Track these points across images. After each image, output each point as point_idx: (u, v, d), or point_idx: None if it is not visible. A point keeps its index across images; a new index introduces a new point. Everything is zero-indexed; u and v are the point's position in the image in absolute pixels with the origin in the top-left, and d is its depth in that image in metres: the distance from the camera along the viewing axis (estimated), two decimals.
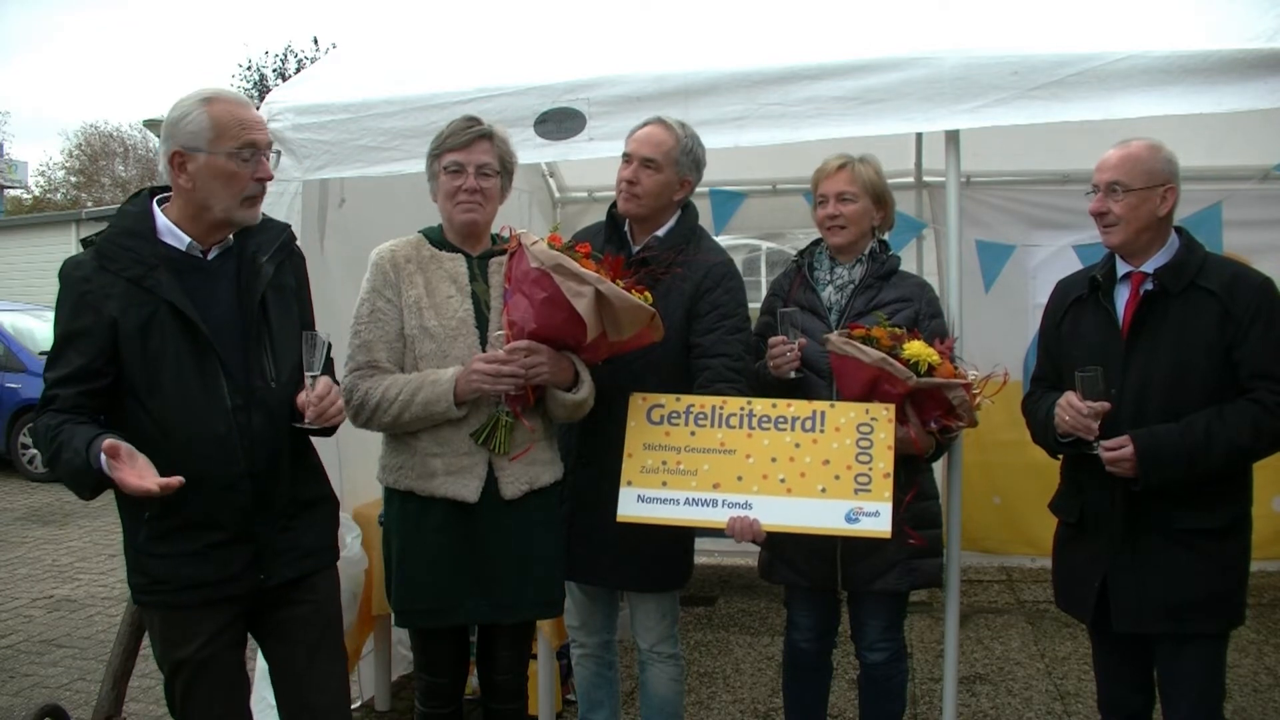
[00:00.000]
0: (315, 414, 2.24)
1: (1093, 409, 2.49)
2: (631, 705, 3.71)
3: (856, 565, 2.87)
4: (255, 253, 2.35)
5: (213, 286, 2.29)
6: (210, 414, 2.23)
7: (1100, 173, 2.61)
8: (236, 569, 2.28)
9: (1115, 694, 2.81)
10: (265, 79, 25.80)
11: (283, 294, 2.39)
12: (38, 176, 36.04)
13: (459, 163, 2.62)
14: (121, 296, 2.20)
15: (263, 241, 2.38)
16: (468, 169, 2.61)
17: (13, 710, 4.13)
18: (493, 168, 2.65)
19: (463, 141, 2.63)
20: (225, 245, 2.34)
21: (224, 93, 2.30)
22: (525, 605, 2.69)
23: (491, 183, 2.65)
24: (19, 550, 7.03)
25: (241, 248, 2.35)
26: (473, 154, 2.62)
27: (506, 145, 2.71)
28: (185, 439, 2.20)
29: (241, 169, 2.25)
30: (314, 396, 2.24)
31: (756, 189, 5.28)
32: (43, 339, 10.83)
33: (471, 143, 2.63)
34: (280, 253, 2.40)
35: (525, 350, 2.53)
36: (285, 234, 2.46)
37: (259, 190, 2.30)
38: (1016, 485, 5.13)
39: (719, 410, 2.75)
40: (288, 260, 2.43)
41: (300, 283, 2.48)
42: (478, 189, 2.62)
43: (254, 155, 2.27)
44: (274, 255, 2.37)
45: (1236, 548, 2.57)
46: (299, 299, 2.45)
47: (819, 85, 3.03)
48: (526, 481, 2.64)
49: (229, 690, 2.36)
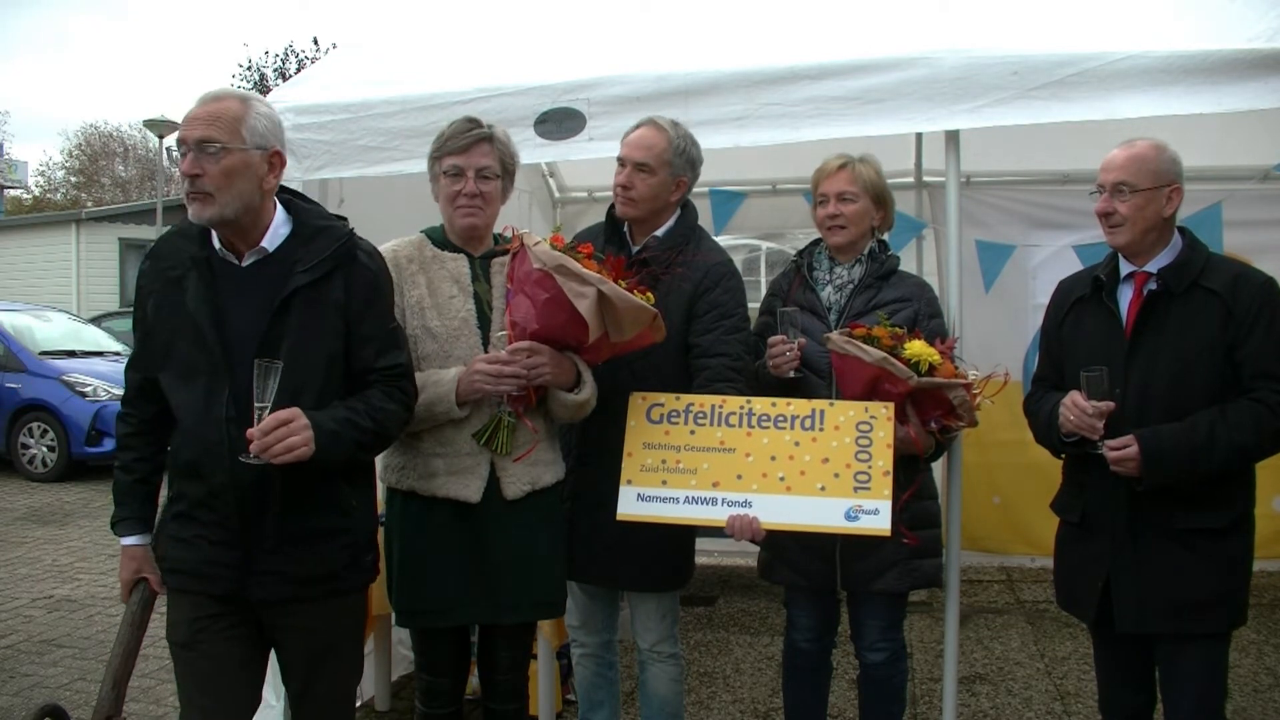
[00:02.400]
0: (259, 449, 2.10)
1: (1098, 409, 2.49)
2: (631, 705, 3.70)
3: (856, 565, 2.87)
4: (296, 263, 2.26)
5: (241, 294, 2.25)
6: (207, 420, 2.22)
7: (1106, 173, 2.60)
8: (215, 569, 2.26)
9: (1116, 694, 2.81)
10: (265, 79, 25.84)
11: (318, 307, 2.25)
12: (38, 176, 36.13)
13: (458, 166, 2.61)
14: (159, 292, 2.29)
15: (311, 251, 2.27)
16: (467, 173, 2.60)
17: (13, 710, 4.13)
18: (493, 170, 2.62)
19: (462, 145, 2.60)
20: (261, 254, 2.27)
21: (205, 91, 2.25)
22: (527, 605, 2.69)
23: (491, 186, 2.63)
24: (19, 550, 7.02)
25: (286, 257, 2.27)
26: (472, 157, 2.61)
27: (508, 146, 2.68)
28: (191, 438, 2.27)
29: (181, 166, 2.21)
30: (257, 430, 2.10)
31: (756, 189, 5.28)
32: (43, 339, 10.84)
33: (471, 146, 2.60)
34: (327, 262, 2.27)
35: (527, 351, 2.53)
36: (340, 244, 2.30)
37: (190, 188, 2.18)
38: (1016, 485, 5.13)
39: (718, 409, 2.75)
40: (339, 270, 2.29)
41: (354, 295, 2.30)
42: (477, 193, 2.61)
43: (185, 151, 2.19)
44: (316, 266, 2.25)
45: (1238, 547, 2.57)
46: (349, 313, 2.28)
47: (819, 85, 3.03)
48: (529, 482, 2.64)
49: (208, 679, 2.30)
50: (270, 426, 2.11)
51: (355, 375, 2.33)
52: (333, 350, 2.28)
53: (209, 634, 2.30)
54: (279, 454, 2.11)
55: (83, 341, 11.13)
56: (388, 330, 2.39)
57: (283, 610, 2.32)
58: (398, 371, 2.38)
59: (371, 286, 2.36)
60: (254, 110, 2.23)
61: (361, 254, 2.36)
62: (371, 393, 2.33)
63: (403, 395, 2.39)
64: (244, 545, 2.25)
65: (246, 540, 2.25)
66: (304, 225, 2.33)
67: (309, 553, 2.29)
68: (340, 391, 2.30)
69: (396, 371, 2.37)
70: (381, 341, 2.36)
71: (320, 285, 2.27)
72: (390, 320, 2.42)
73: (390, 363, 2.36)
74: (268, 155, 2.25)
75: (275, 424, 2.11)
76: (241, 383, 2.18)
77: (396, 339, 2.42)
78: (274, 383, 2.12)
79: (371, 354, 2.33)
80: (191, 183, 2.18)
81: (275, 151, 2.26)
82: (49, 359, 10.36)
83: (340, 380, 2.31)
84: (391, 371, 2.36)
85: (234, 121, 2.19)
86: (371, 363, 2.34)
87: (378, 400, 2.32)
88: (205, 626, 2.29)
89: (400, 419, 2.40)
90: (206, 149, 2.16)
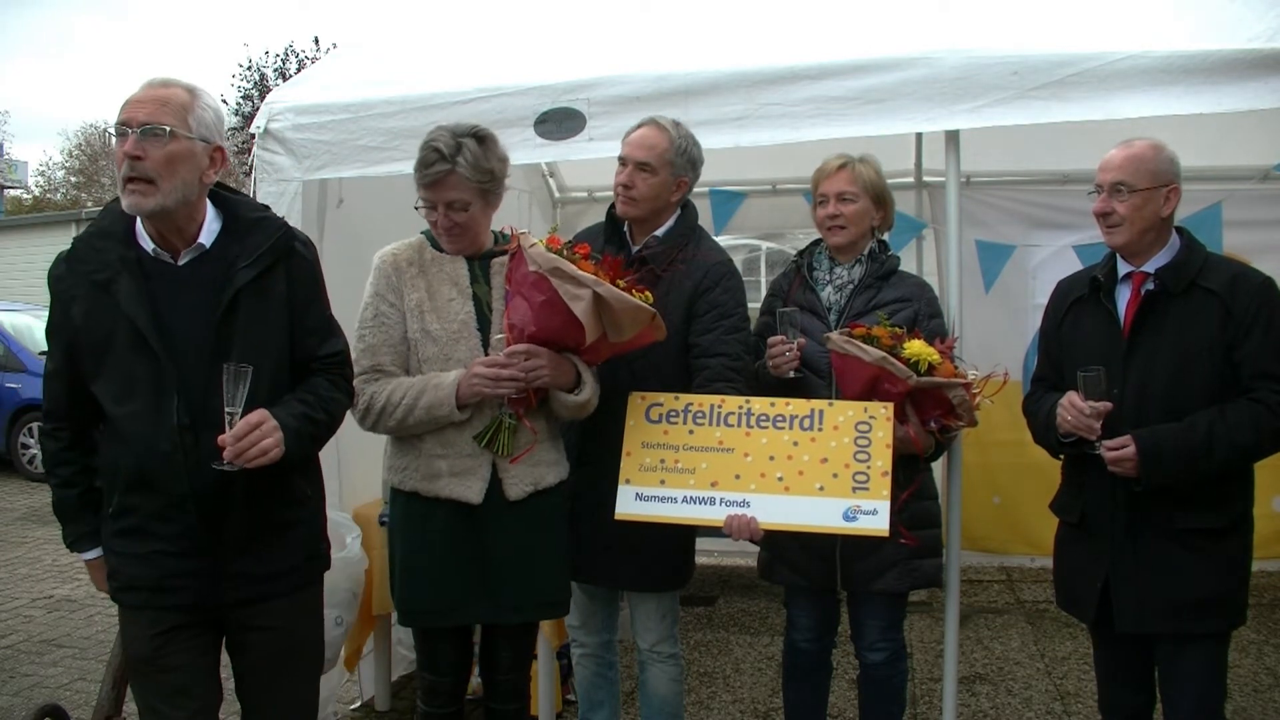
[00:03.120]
0: (233, 454, 2.06)
1: (1095, 409, 2.49)
2: (631, 705, 3.70)
3: (856, 565, 2.87)
4: (235, 258, 2.19)
5: (180, 295, 2.17)
6: (157, 431, 2.13)
7: (1104, 173, 2.60)
8: (179, 581, 2.21)
9: (1115, 694, 2.81)
10: (265, 79, 25.80)
11: (265, 300, 2.21)
12: (38, 176, 36.12)
13: (430, 201, 2.58)
14: (85, 299, 2.16)
15: (248, 245, 2.21)
16: (438, 207, 2.57)
17: (13, 710, 4.13)
18: (463, 202, 2.55)
19: (428, 179, 2.54)
20: (198, 251, 2.20)
21: (152, 77, 2.19)
22: (529, 606, 2.69)
23: (465, 215, 2.57)
24: (19, 550, 7.02)
25: (222, 253, 2.21)
26: (440, 192, 2.54)
27: (483, 162, 2.54)
28: (139, 449, 2.16)
29: (119, 149, 2.10)
30: (230, 436, 2.07)
31: (756, 189, 5.28)
32: (42, 339, 10.80)
33: (435, 182, 2.53)
34: (267, 256, 2.22)
35: (525, 354, 2.53)
36: (278, 235, 2.26)
37: (130, 172, 2.08)
38: (1016, 485, 5.13)
39: (717, 409, 2.75)
40: (280, 264, 2.25)
41: (296, 287, 2.28)
42: (452, 224, 2.58)
43: (126, 133, 2.09)
44: (258, 260, 2.20)
45: (1238, 547, 2.57)
46: (292, 305, 2.26)
47: (819, 85, 3.03)
48: (531, 482, 2.64)
49: (172, 694, 2.26)
50: (243, 432, 2.08)
51: (297, 364, 2.32)
52: (281, 345, 2.26)
53: (172, 646, 2.25)
54: (253, 458, 2.08)
55: None
56: (327, 319, 2.38)
57: (251, 611, 2.29)
58: (339, 359, 2.40)
59: (312, 277, 2.35)
60: (201, 101, 2.17)
61: (299, 244, 2.33)
62: (317, 382, 2.32)
63: (345, 383, 2.41)
64: (210, 551, 2.20)
65: (211, 546, 2.20)
66: (236, 219, 2.27)
67: (272, 548, 2.29)
68: (289, 384, 2.29)
69: (338, 359, 2.39)
70: (324, 331, 2.36)
71: (262, 280, 2.22)
72: (328, 308, 2.40)
73: (332, 350, 2.37)
74: (210, 149, 2.18)
75: (247, 429, 2.08)
76: (193, 388, 2.14)
77: (334, 327, 2.41)
78: (244, 387, 2.08)
79: (315, 344, 2.33)
80: (132, 166, 2.08)
81: (218, 147, 2.20)
82: None
83: (288, 373, 2.29)
84: (334, 359, 2.38)
85: (182, 109, 2.13)
86: (315, 351, 2.33)
87: (325, 390, 2.32)
88: (169, 639, 2.25)
89: (345, 408, 2.41)
90: (152, 132, 2.08)
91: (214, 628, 2.33)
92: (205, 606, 2.26)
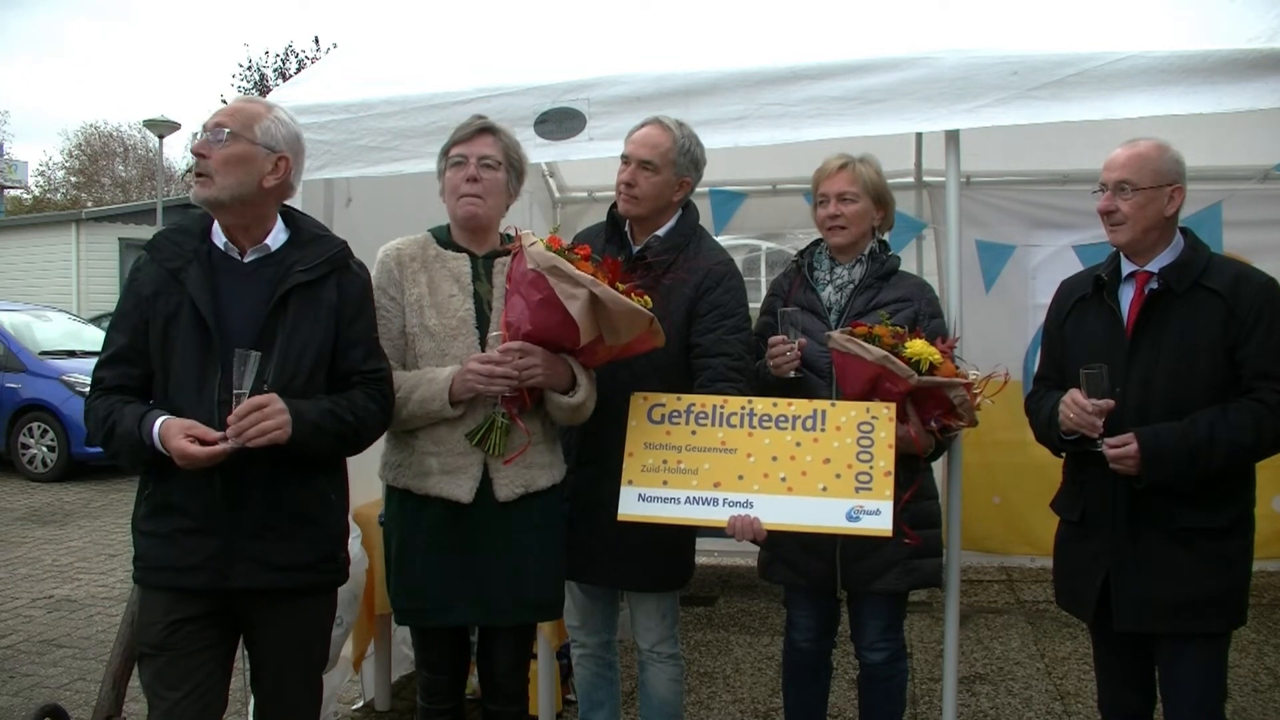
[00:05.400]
0: (233, 432, 2.19)
1: (1097, 407, 2.49)
2: (631, 705, 3.70)
3: (856, 565, 2.87)
4: (294, 263, 2.38)
5: (241, 287, 2.36)
6: (199, 404, 2.27)
7: (1108, 171, 2.61)
8: (196, 559, 2.29)
9: (1115, 694, 2.81)
10: (265, 79, 25.83)
11: (315, 304, 2.38)
12: (38, 176, 36.14)
13: (462, 154, 2.66)
14: (157, 282, 2.35)
15: (307, 254, 2.41)
16: (470, 159, 2.64)
17: (13, 710, 4.13)
18: (495, 159, 2.66)
19: (466, 135, 2.67)
20: (263, 252, 2.40)
21: None
22: (519, 608, 2.68)
23: (493, 175, 2.65)
24: (19, 550, 7.03)
25: (284, 258, 2.40)
26: (475, 145, 2.66)
27: (515, 145, 2.73)
28: (180, 413, 2.27)
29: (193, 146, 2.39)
30: (233, 415, 2.20)
31: (756, 189, 5.28)
32: (43, 339, 10.83)
33: (474, 136, 2.67)
34: (323, 266, 2.41)
35: (519, 352, 2.53)
36: (336, 250, 2.46)
37: (196, 168, 2.37)
38: (1016, 485, 5.13)
39: (720, 409, 2.75)
40: (333, 275, 2.43)
41: (345, 299, 2.43)
42: (478, 178, 2.63)
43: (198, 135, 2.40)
44: (314, 268, 2.39)
45: (1238, 547, 2.57)
46: (340, 315, 2.41)
47: (819, 85, 3.03)
48: (522, 484, 2.63)
49: (180, 682, 2.32)
50: (245, 411, 2.20)
51: (340, 376, 2.43)
52: (322, 348, 2.39)
53: (182, 635, 2.32)
54: (253, 437, 2.19)
55: (83, 341, 11.11)
56: (372, 338, 2.52)
57: (263, 601, 2.36)
58: (380, 376, 2.49)
59: (362, 294, 2.51)
60: (272, 114, 2.40)
61: (353, 263, 2.51)
62: (355, 392, 2.43)
63: (383, 399, 2.50)
64: (224, 532, 2.29)
65: (226, 527, 2.29)
66: (300, 232, 2.47)
67: (289, 540, 2.36)
68: (324, 390, 2.40)
69: (379, 376, 2.49)
70: (368, 347, 2.48)
71: (316, 286, 2.39)
72: (375, 329, 2.54)
73: (374, 367, 2.48)
74: (275, 157, 2.37)
75: (249, 409, 2.20)
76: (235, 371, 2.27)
77: (378, 348, 2.54)
78: (251, 371, 2.21)
79: (359, 356, 2.45)
80: (198, 162, 2.35)
81: (283, 156, 2.38)
82: (49, 359, 10.38)
83: (324, 379, 2.40)
84: (375, 375, 2.48)
85: (250, 118, 2.37)
86: (358, 365, 2.45)
87: (360, 399, 2.43)
88: (179, 628, 2.32)
89: (379, 421, 2.50)
90: (217, 134, 2.33)
91: (228, 622, 2.39)
92: (220, 593, 2.32)
